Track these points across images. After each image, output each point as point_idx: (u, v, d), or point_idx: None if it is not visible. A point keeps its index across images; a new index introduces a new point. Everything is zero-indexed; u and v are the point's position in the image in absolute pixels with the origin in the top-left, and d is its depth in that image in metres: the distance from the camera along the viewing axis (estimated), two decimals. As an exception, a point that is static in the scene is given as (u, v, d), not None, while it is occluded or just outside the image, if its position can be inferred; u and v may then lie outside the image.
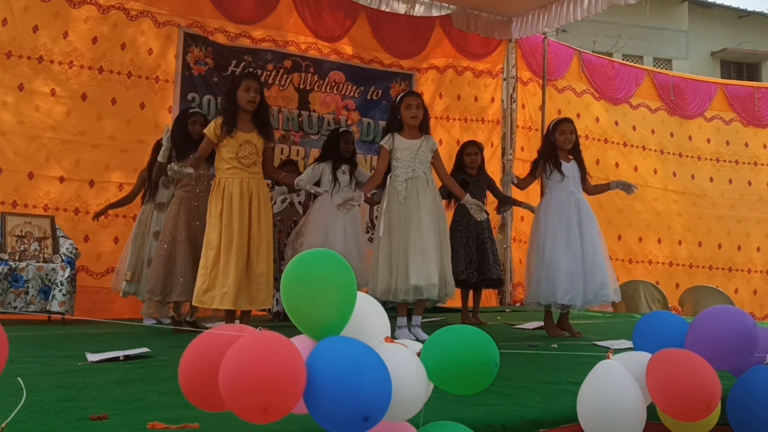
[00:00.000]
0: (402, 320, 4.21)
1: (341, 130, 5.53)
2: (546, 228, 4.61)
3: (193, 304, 4.20)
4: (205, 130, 4.22)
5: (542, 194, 4.83)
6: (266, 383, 1.40)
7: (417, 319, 4.29)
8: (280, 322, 5.45)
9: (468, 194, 4.43)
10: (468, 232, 5.46)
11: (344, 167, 5.19)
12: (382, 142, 4.30)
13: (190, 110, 5.02)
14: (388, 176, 4.31)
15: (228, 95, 4.27)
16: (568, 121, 4.83)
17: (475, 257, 5.42)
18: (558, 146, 4.67)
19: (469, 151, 5.70)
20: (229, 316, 4.18)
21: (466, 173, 5.60)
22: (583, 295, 4.46)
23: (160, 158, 4.65)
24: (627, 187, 4.69)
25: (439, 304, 4.87)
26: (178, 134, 4.73)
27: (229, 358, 1.44)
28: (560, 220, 4.56)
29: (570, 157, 4.71)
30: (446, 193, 5.34)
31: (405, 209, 4.16)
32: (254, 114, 4.22)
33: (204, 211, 4.49)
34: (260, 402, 1.41)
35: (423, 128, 4.34)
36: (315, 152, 6.63)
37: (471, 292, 5.69)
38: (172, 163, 4.16)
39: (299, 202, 5.71)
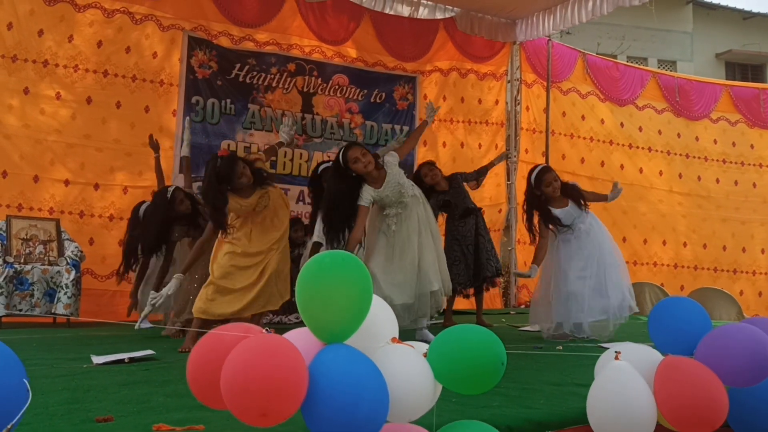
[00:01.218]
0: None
1: (320, 169, 5.13)
2: (559, 266, 4.50)
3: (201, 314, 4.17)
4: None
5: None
6: (266, 388, 1.40)
7: (423, 321, 4.29)
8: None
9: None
10: (465, 240, 5.43)
11: None
12: (361, 202, 4.11)
13: (168, 190, 4.71)
14: (378, 214, 4.29)
15: (219, 190, 3.95)
16: (548, 170, 4.61)
17: (473, 262, 5.39)
18: (548, 198, 4.52)
19: (425, 172, 5.46)
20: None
21: (438, 192, 5.45)
22: (609, 316, 4.41)
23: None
24: (615, 191, 4.66)
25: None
26: (152, 227, 4.56)
27: (232, 360, 1.44)
28: (572, 257, 4.47)
29: (564, 199, 4.54)
30: (441, 205, 5.39)
31: (396, 238, 4.19)
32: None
33: None
34: (260, 406, 1.41)
35: (380, 165, 4.22)
36: (318, 155, 6.64)
37: (473, 296, 5.69)
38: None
39: (299, 254, 5.61)
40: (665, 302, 2.32)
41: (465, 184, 5.67)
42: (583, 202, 4.53)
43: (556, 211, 4.51)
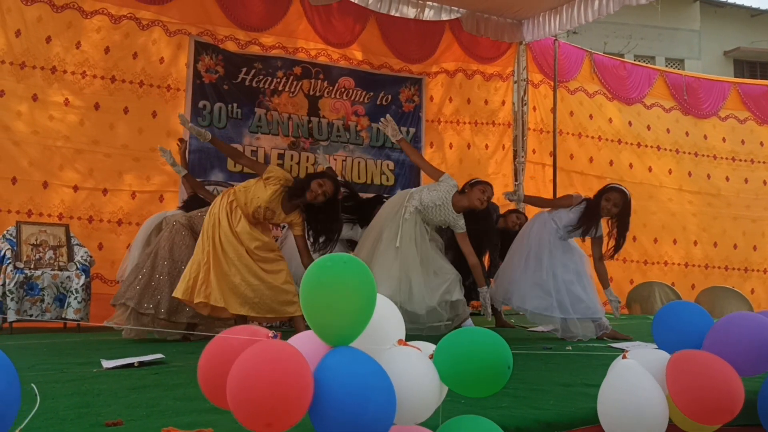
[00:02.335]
0: None
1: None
2: (530, 237, 4.73)
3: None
4: (278, 174, 4.24)
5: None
6: (270, 399, 1.41)
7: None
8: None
9: (486, 287, 4.52)
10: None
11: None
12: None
13: None
14: (404, 191, 4.57)
15: (304, 185, 4.22)
16: (620, 192, 4.63)
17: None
18: (599, 213, 4.62)
19: (512, 220, 5.76)
20: (240, 320, 4.23)
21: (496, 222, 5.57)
22: (560, 310, 4.50)
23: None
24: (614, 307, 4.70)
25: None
26: None
27: (236, 370, 1.45)
28: (541, 238, 4.67)
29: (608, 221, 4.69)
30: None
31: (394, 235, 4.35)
32: (313, 207, 4.23)
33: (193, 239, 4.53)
34: (264, 418, 1.42)
35: (464, 211, 4.46)
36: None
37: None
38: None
39: None
40: (669, 306, 2.33)
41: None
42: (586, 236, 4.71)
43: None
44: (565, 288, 4.49)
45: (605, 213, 4.58)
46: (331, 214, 4.23)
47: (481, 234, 4.80)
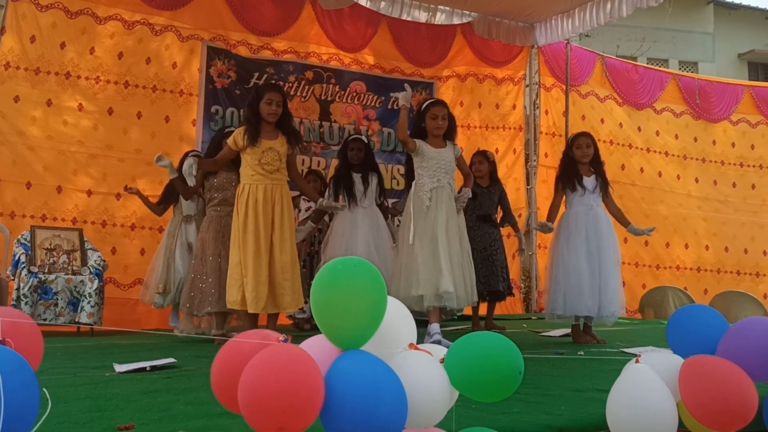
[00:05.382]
0: (435, 326, 4.13)
1: (350, 138, 5.54)
2: (568, 242, 4.65)
3: (228, 307, 4.26)
4: (228, 140, 4.34)
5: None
6: (282, 403, 1.41)
7: (436, 327, 4.24)
8: (303, 331, 5.46)
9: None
10: (474, 245, 5.42)
11: (356, 176, 5.17)
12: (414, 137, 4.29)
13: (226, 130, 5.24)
14: (413, 183, 4.32)
15: (251, 106, 4.33)
16: (585, 135, 4.88)
17: (482, 269, 5.37)
18: (577, 160, 4.72)
19: (474, 160, 5.66)
20: (252, 322, 4.22)
21: (475, 183, 5.51)
22: (599, 308, 4.51)
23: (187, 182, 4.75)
24: (641, 230, 4.74)
25: (459, 313, 4.85)
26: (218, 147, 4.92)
27: (247, 374, 1.45)
28: (580, 235, 4.61)
29: (591, 170, 4.74)
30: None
31: (430, 219, 4.17)
32: (276, 124, 4.29)
33: None
34: (276, 421, 1.42)
35: (448, 136, 4.37)
36: (336, 163, 6.64)
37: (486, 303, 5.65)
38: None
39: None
40: (684, 310, 2.31)
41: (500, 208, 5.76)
42: (603, 179, 4.73)
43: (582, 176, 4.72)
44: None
45: (585, 158, 4.71)
46: (288, 118, 4.37)
47: None
